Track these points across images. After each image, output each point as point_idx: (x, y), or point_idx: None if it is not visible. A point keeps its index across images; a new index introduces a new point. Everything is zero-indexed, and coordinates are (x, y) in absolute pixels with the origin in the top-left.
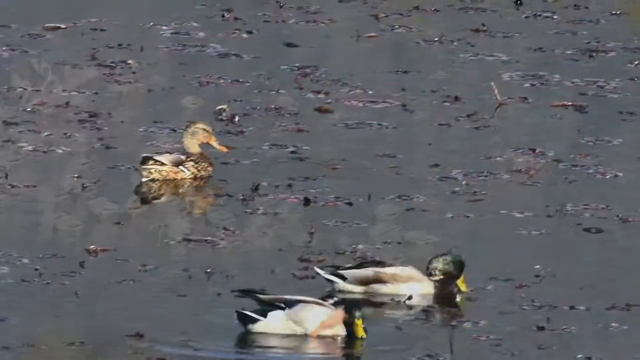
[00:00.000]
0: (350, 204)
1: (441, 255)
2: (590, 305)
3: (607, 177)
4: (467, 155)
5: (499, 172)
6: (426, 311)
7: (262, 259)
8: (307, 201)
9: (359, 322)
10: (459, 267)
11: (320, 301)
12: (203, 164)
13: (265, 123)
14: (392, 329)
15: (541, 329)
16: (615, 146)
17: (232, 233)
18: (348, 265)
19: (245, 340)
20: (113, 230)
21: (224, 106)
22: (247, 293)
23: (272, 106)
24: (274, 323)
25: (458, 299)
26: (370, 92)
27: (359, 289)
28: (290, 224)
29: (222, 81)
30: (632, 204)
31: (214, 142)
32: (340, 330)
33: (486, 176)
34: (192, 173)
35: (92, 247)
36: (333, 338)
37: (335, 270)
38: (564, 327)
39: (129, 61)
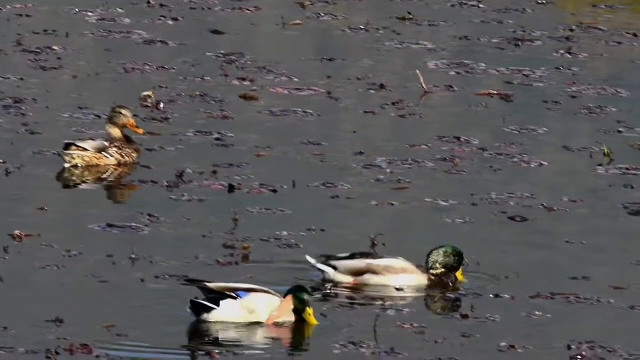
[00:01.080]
0: (274, 191)
1: (439, 247)
2: (514, 293)
3: (532, 165)
4: (391, 143)
5: (424, 160)
6: (350, 298)
7: (186, 245)
8: (231, 188)
9: (309, 310)
10: (459, 258)
11: (268, 289)
12: (127, 149)
13: (190, 109)
14: (317, 315)
15: (465, 316)
16: (540, 135)
17: (157, 219)
18: (339, 256)
19: (168, 326)
20: (37, 216)
21: (149, 92)
22: (194, 282)
23: (197, 92)
24: (227, 312)
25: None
26: (295, 79)
27: (348, 279)
28: (215, 211)
29: (147, 67)
30: (556, 192)
31: (130, 124)
32: (290, 317)
33: (410, 164)
34: (116, 159)
35: (16, 232)
36: (283, 325)
37: (326, 260)
38: (488, 315)
39: (54, 47)
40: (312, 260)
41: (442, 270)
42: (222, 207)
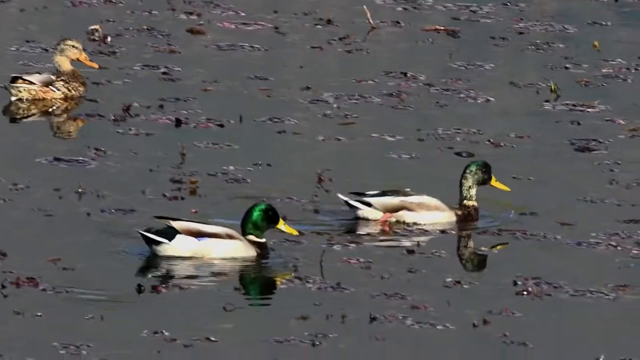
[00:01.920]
0: (221, 125)
1: (462, 173)
2: (460, 230)
3: (479, 101)
4: (338, 79)
5: (371, 96)
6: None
7: (133, 180)
8: (178, 122)
9: (282, 223)
10: (486, 168)
11: (232, 233)
12: (74, 83)
13: (138, 44)
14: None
15: (411, 252)
16: (486, 71)
17: (104, 153)
18: (370, 193)
19: (114, 260)
20: None
21: (97, 26)
22: (163, 219)
23: (145, 27)
24: (179, 247)
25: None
26: (242, 14)
27: (380, 215)
28: (162, 145)
29: (94, 1)
30: (503, 128)
31: (83, 58)
32: (251, 253)
33: (357, 99)
34: (63, 92)
35: None
36: (241, 260)
37: (359, 197)
38: (434, 250)
39: None
40: (344, 198)
41: (476, 190)
42: (169, 142)
